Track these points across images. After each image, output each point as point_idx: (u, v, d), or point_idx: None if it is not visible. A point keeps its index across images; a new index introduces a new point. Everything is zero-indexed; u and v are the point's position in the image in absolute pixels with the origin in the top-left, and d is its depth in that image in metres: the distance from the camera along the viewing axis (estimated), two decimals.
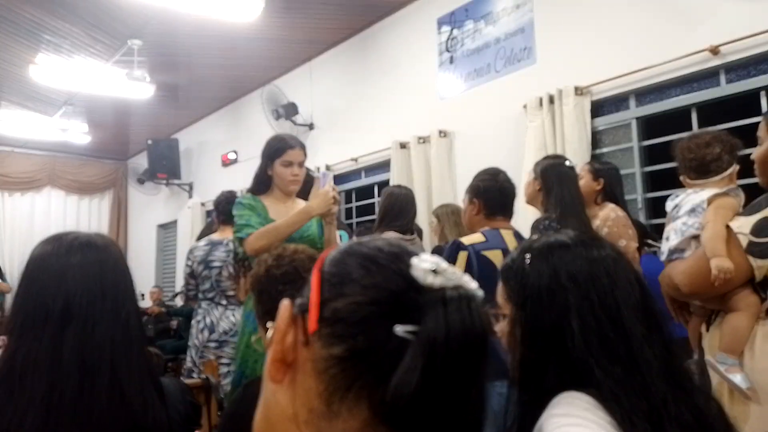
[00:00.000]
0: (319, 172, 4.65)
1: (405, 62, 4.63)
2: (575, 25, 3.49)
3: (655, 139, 3.23)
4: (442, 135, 4.19)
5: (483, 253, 2.00)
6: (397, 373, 0.46)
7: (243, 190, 4.97)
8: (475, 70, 4.08)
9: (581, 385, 0.80)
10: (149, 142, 7.37)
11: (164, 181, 7.56)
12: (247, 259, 2.25)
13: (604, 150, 3.45)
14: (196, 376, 2.63)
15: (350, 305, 0.49)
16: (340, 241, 2.36)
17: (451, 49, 4.26)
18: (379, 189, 4.85)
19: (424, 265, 0.50)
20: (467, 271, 1.93)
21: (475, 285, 0.51)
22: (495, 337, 0.96)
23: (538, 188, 2.34)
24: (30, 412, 0.96)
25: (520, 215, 2.71)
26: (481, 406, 0.50)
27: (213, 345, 2.94)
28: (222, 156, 6.86)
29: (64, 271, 1.04)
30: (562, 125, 3.39)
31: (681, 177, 1.88)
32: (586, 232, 1.21)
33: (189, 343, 3.06)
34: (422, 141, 4.30)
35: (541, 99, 3.51)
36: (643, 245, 2.48)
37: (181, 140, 7.57)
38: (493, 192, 2.16)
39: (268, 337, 0.55)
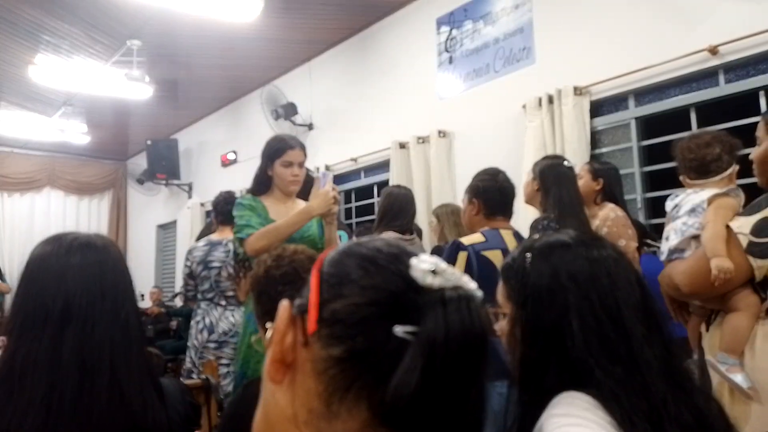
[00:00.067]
0: (318, 172, 4.65)
1: (404, 62, 4.63)
2: (574, 25, 3.49)
3: (655, 139, 3.23)
4: (442, 135, 4.19)
5: (483, 253, 2.00)
6: (396, 373, 0.46)
7: (242, 191, 4.96)
8: (474, 70, 4.07)
9: (581, 384, 0.80)
10: (148, 142, 7.36)
11: (164, 182, 7.54)
12: (248, 260, 2.25)
13: (603, 150, 3.45)
14: (196, 377, 2.62)
15: (349, 306, 0.49)
16: (340, 242, 2.36)
17: (450, 50, 4.26)
18: (378, 189, 4.85)
19: (423, 265, 0.49)
20: (467, 271, 1.93)
21: (474, 285, 0.51)
22: (495, 337, 0.96)
23: (536, 188, 2.34)
24: (30, 413, 0.95)
25: (520, 215, 2.71)
26: (481, 407, 0.50)
27: (212, 345, 2.93)
28: (221, 156, 6.86)
29: (63, 271, 1.04)
30: (561, 125, 3.39)
31: (681, 177, 1.88)
32: (585, 232, 1.21)
33: (188, 343, 3.05)
34: (421, 141, 4.30)
35: (540, 99, 3.51)
36: (642, 245, 2.48)
37: (180, 140, 7.56)
38: (492, 192, 2.16)
39: (267, 337, 0.55)
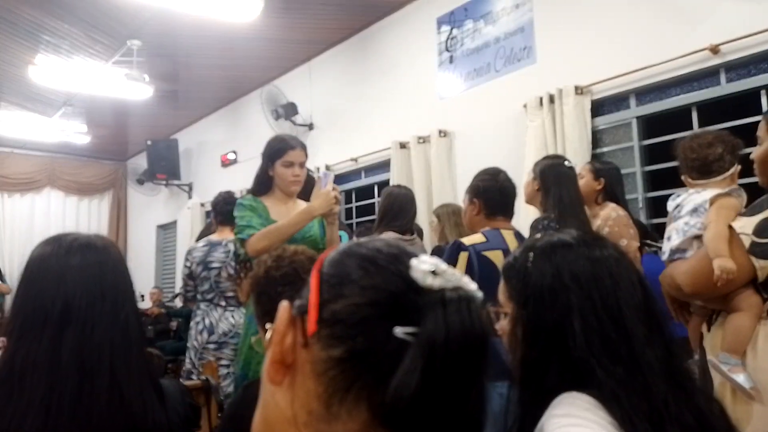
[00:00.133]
0: (318, 172, 4.65)
1: (404, 62, 4.62)
2: (575, 24, 3.49)
3: (656, 139, 3.23)
4: (442, 135, 4.19)
5: (484, 253, 1.99)
6: (396, 374, 0.46)
7: (242, 191, 4.95)
8: (474, 70, 4.07)
9: (582, 385, 0.79)
10: (148, 142, 7.35)
11: (164, 182, 7.54)
12: (249, 261, 2.25)
13: (604, 149, 3.44)
14: (196, 378, 2.62)
15: (349, 306, 0.49)
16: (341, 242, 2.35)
17: (450, 49, 4.25)
18: (379, 189, 4.84)
19: (424, 266, 0.49)
20: (468, 271, 1.93)
21: (474, 286, 0.50)
22: (495, 338, 0.96)
23: (536, 188, 2.34)
24: (29, 414, 0.95)
25: (522, 215, 2.70)
26: (482, 407, 0.50)
27: (212, 347, 2.92)
28: (221, 156, 6.85)
29: (63, 272, 1.04)
30: (562, 125, 3.39)
31: (683, 177, 1.87)
32: (586, 232, 1.21)
33: (188, 344, 3.04)
34: (422, 141, 4.30)
35: (541, 98, 3.51)
36: (643, 245, 2.48)
37: (180, 141, 7.56)
38: (493, 192, 2.16)
39: (267, 338, 0.54)
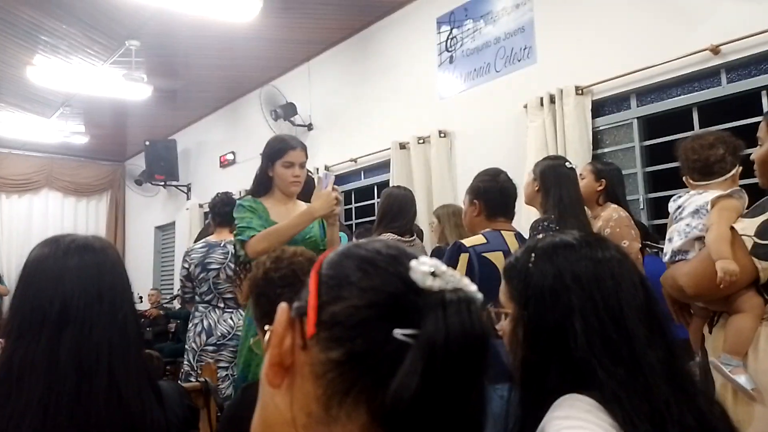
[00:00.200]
0: (318, 173, 4.64)
1: (404, 62, 4.62)
2: (575, 24, 3.48)
3: (657, 139, 3.22)
4: (442, 135, 4.18)
5: (484, 254, 1.99)
6: (396, 377, 0.45)
7: (241, 191, 4.94)
8: (474, 70, 4.06)
9: (583, 386, 0.79)
10: (147, 143, 7.34)
11: (162, 183, 7.54)
12: (249, 262, 2.24)
13: (605, 150, 3.44)
14: (194, 380, 2.60)
15: (348, 308, 0.48)
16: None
17: (450, 49, 4.25)
18: (378, 190, 4.83)
19: (423, 267, 0.49)
20: (468, 273, 1.92)
21: (474, 287, 0.50)
22: (496, 340, 0.95)
23: (536, 189, 2.33)
24: (27, 415, 0.96)
25: (523, 216, 2.69)
26: (482, 409, 0.50)
27: (211, 349, 2.91)
28: (220, 157, 6.85)
29: (61, 273, 1.05)
30: (563, 125, 3.38)
31: (684, 178, 1.87)
32: (588, 233, 1.20)
33: (186, 346, 3.03)
34: (422, 141, 4.29)
35: (541, 99, 3.50)
36: (644, 246, 2.47)
37: (178, 141, 7.55)
38: (493, 193, 2.15)
39: (265, 340, 0.54)
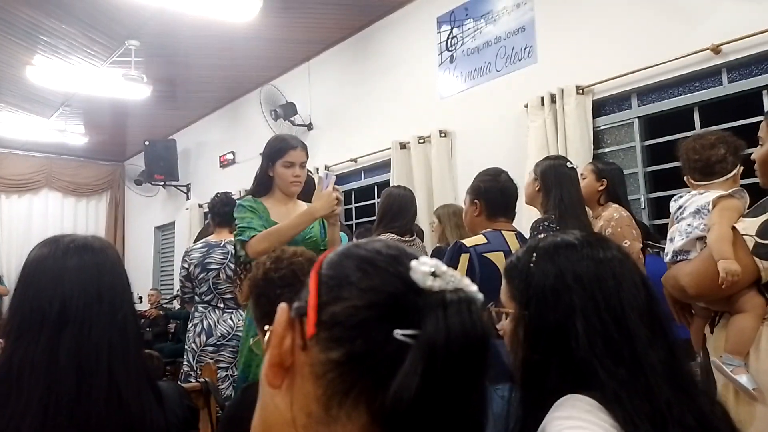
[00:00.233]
0: (317, 173, 4.63)
1: (405, 62, 4.61)
2: (576, 23, 3.48)
3: (658, 139, 3.21)
4: (443, 135, 4.17)
5: (485, 255, 1.98)
6: (396, 377, 0.45)
7: (241, 191, 4.93)
8: (475, 69, 4.06)
9: (584, 386, 0.79)
10: (146, 143, 7.33)
11: (162, 183, 7.53)
12: (249, 263, 2.23)
13: (606, 150, 3.43)
14: (194, 380, 2.60)
15: (348, 309, 0.48)
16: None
17: (451, 48, 4.24)
18: (379, 190, 4.83)
19: (424, 267, 0.49)
20: (469, 273, 1.92)
21: (475, 288, 0.50)
22: (497, 340, 0.95)
23: (537, 189, 2.33)
24: (27, 415, 0.96)
25: (524, 216, 2.69)
26: (482, 410, 0.50)
27: (210, 349, 2.90)
28: (220, 157, 6.85)
29: (60, 273, 1.05)
30: (563, 125, 3.37)
31: (685, 177, 1.87)
32: (590, 233, 1.20)
33: (186, 347, 3.02)
34: (422, 141, 4.28)
35: (542, 98, 3.49)
36: (645, 246, 2.46)
37: (178, 141, 7.54)
38: (494, 193, 2.14)
39: (265, 341, 0.54)
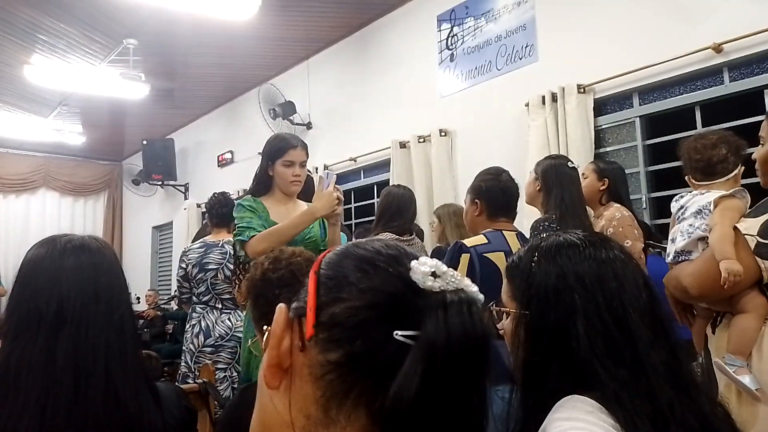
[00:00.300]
0: (317, 172, 4.62)
1: (404, 60, 4.59)
2: (577, 22, 3.47)
3: (660, 138, 3.20)
4: (443, 134, 4.16)
5: (485, 255, 1.97)
6: (396, 378, 0.44)
7: (239, 191, 4.92)
8: (476, 68, 4.04)
9: (585, 387, 0.79)
10: (144, 142, 7.31)
11: (159, 182, 7.51)
12: (249, 263, 2.22)
13: (607, 149, 3.42)
14: (192, 381, 2.58)
15: (347, 309, 0.48)
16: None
17: (451, 47, 4.23)
18: (378, 189, 4.81)
19: (424, 268, 0.48)
20: (469, 273, 1.90)
21: (475, 288, 0.50)
22: (497, 341, 0.95)
23: (538, 188, 2.32)
24: (25, 415, 0.95)
25: (526, 216, 2.67)
26: (483, 411, 0.49)
27: (209, 350, 2.88)
28: (218, 156, 6.84)
29: (57, 273, 1.05)
30: (564, 124, 3.36)
31: (686, 177, 1.87)
32: (592, 233, 1.19)
33: (184, 347, 3.01)
34: (422, 140, 4.27)
35: (543, 97, 3.48)
36: (647, 246, 2.46)
37: (176, 140, 7.53)
38: (495, 192, 2.13)
39: (264, 341, 0.54)
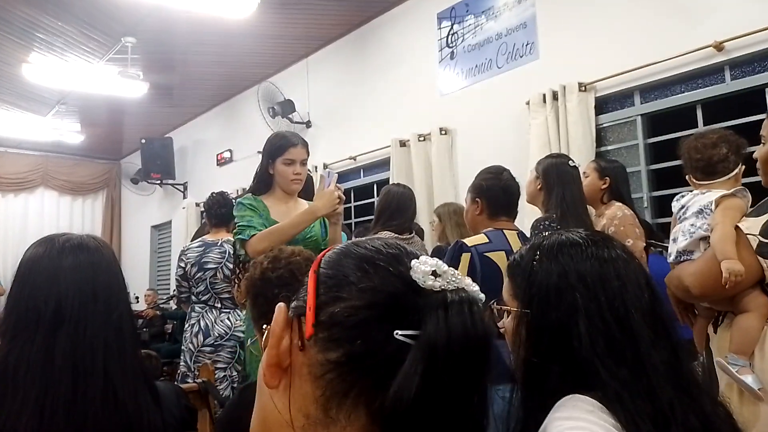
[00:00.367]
0: (316, 171, 4.61)
1: (404, 58, 4.58)
2: (578, 20, 3.46)
3: (661, 137, 3.19)
4: (443, 132, 4.15)
5: (486, 254, 1.97)
6: (396, 378, 0.44)
7: (238, 190, 4.92)
8: (476, 66, 4.03)
9: (586, 386, 0.78)
10: (143, 141, 7.30)
11: (158, 181, 7.50)
12: (249, 262, 2.21)
13: (609, 147, 3.41)
14: (191, 381, 2.58)
15: (347, 309, 0.47)
16: None
17: (451, 45, 4.22)
18: (378, 188, 4.80)
19: (424, 267, 0.48)
20: (470, 273, 1.90)
21: (476, 288, 0.49)
22: (498, 341, 0.94)
23: (539, 187, 2.31)
24: (24, 415, 0.95)
25: (527, 215, 2.66)
26: (483, 411, 0.49)
27: (208, 350, 2.88)
28: (217, 155, 6.83)
29: (55, 273, 1.05)
30: (565, 122, 3.35)
31: (687, 177, 1.86)
32: (595, 232, 1.19)
33: (183, 347, 3.00)
34: (422, 138, 4.26)
35: (544, 95, 3.47)
36: (648, 245, 2.45)
37: (175, 139, 7.52)
38: (496, 191, 2.13)
39: (263, 341, 0.53)
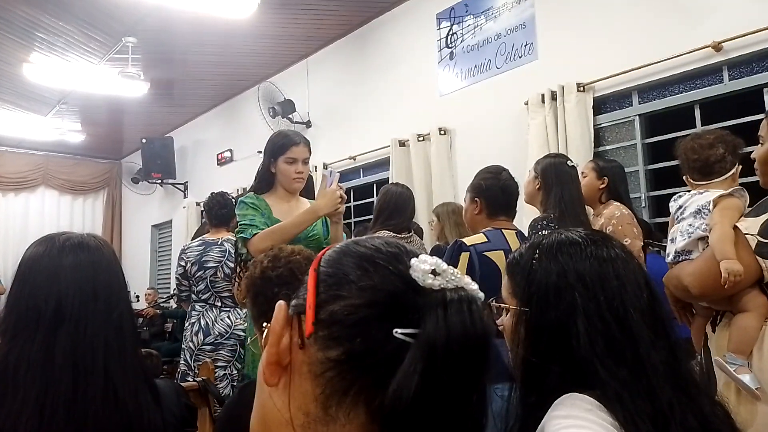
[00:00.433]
0: (316, 171, 4.62)
1: (404, 58, 4.59)
2: (577, 20, 3.46)
3: (659, 137, 3.20)
4: (442, 132, 4.16)
5: (485, 254, 1.97)
6: (396, 376, 0.44)
7: (239, 189, 4.93)
8: (475, 66, 4.04)
9: (585, 385, 0.79)
10: (143, 140, 7.30)
11: (159, 181, 7.51)
12: (250, 260, 2.22)
13: (607, 147, 3.42)
14: (191, 380, 2.58)
15: (347, 307, 0.48)
16: None
17: (450, 45, 4.22)
18: (378, 188, 4.80)
19: (424, 266, 0.48)
20: (469, 272, 1.90)
21: (476, 286, 0.50)
22: (497, 339, 0.95)
23: (537, 187, 2.32)
24: (24, 414, 0.95)
25: (525, 215, 2.67)
26: (482, 410, 0.49)
27: (208, 348, 2.89)
28: (217, 155, 6.83)
29: (56, 272, 1.05)
30: (564, 122, 3.36)
31: (684, 177, 1.86)
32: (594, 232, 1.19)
33: (183, 346, 3.01)
34: (422, 139, 4.27)
35: (542, 96, 3.48)
36: (646, 245, 2.46)
37: (175, 139, 7.52)
38: (495, 191, 2.13)
39: (263, 339, 0.54)
